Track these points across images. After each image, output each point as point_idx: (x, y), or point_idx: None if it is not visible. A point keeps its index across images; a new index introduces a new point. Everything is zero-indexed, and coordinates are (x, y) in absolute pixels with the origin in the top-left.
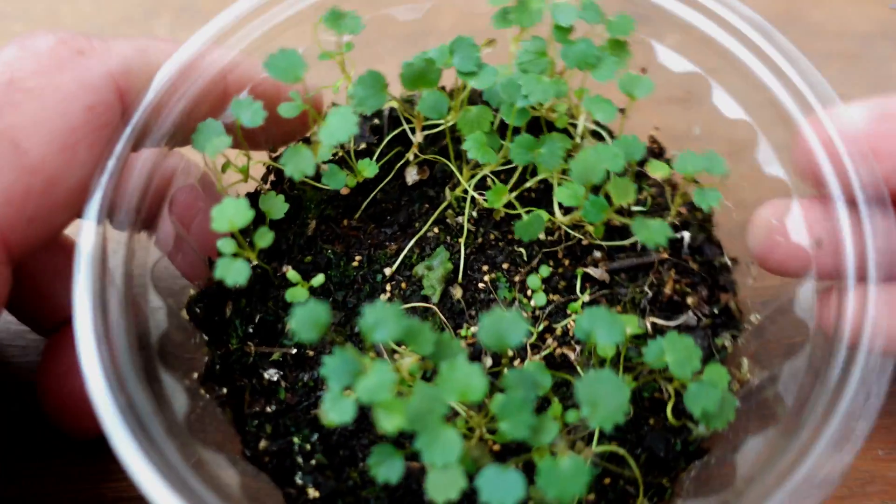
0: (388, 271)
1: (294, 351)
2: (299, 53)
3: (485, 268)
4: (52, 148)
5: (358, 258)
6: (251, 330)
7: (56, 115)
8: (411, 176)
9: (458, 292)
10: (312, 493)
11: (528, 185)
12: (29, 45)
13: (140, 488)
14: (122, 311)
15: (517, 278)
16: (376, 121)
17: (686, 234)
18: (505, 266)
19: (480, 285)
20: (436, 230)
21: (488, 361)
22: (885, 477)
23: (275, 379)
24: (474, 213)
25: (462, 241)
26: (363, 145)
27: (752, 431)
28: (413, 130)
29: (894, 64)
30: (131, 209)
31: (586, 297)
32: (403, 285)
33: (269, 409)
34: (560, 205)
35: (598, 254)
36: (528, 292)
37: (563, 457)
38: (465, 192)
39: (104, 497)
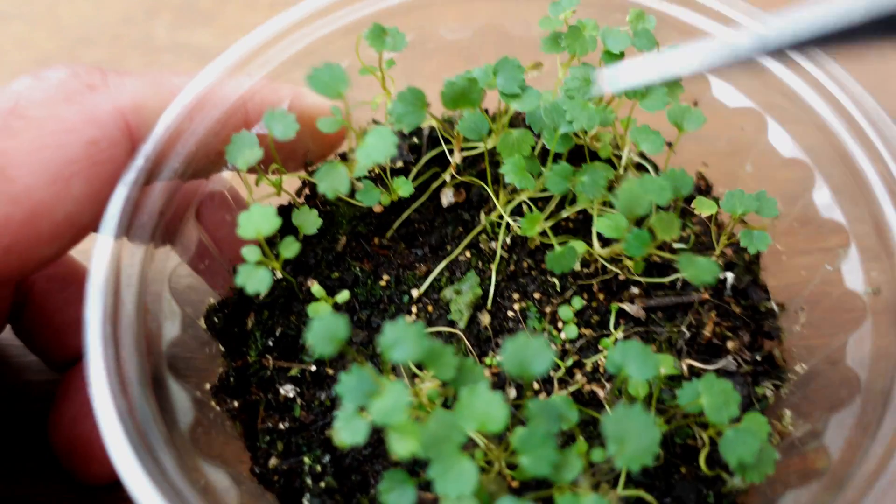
0: (415, 293)
1: (313, 368)
2: (343, 68)
3: (515, 296)
4: (41, 179)
5: (386, 278)
6: (271, 343)
7: (52, 146)
8: (447, 198)
9: (485, 319)
10: None
11: (564, 214)
12: (42, 76)
13: (130, 493)
14: (134, 313)
15: (548, 309)
16: (415, 140)
17: (730, 276)
18: (536, 296)
19: (510, 313)
20: (468, 254)
21: (512, 392)
22: None
23: (291, 395)
24: (508, 240)
25: (494, 267)
26: (400, 163)
27: (792, 486)
28: (451, 151)
29: (894, 64)
30: (154, 213)
31: (620, 334)
32: (430, 308)
33: (282, 426)
34: (599, 236)
35: (635, 290)
36: (559, 324)
37: (585, 496)
38: (501, 217)
39: (104, 497)
